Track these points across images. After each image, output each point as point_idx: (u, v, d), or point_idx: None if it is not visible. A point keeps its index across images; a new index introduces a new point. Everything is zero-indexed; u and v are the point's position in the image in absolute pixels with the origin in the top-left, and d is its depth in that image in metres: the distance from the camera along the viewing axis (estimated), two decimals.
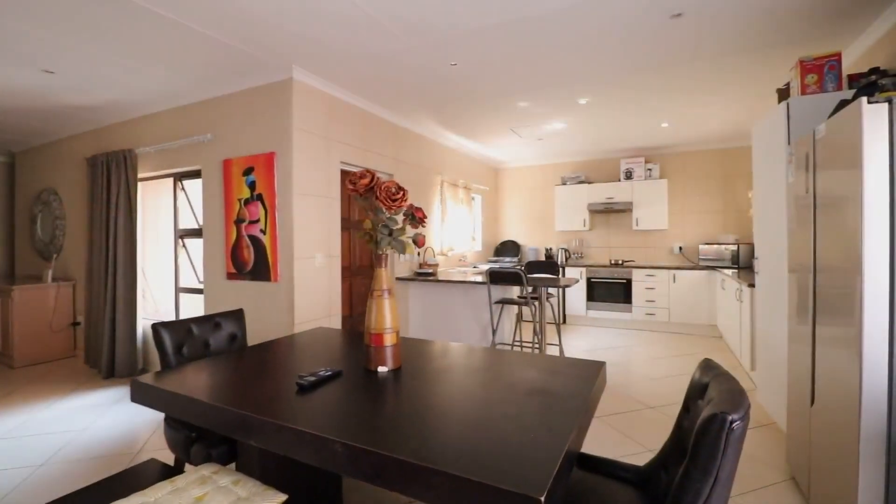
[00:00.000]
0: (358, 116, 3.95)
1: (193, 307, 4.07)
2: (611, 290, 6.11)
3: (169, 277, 4.28)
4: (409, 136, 4.81)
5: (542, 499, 0.85)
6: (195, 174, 3.85)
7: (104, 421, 3.13)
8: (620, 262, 6.35)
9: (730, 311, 4.58)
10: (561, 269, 6.31)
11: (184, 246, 4.18)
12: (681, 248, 6.28)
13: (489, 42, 2.87)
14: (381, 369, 1.62)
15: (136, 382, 1.59)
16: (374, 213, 1.58)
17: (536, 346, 4.06)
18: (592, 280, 6.22)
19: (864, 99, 1.52)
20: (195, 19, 2.52)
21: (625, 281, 6.01)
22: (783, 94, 2.86)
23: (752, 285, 3.61)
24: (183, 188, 4.11)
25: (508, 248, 7.32)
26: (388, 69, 3.28)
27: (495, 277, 3.88)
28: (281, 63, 3.11)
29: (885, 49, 2.67)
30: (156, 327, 2.03)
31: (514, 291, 4.46)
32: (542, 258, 7.12)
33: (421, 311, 4.70)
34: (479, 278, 4.35)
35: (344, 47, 2.90)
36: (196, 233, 3.97)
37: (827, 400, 1.84)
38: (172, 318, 4.25)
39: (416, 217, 1.67)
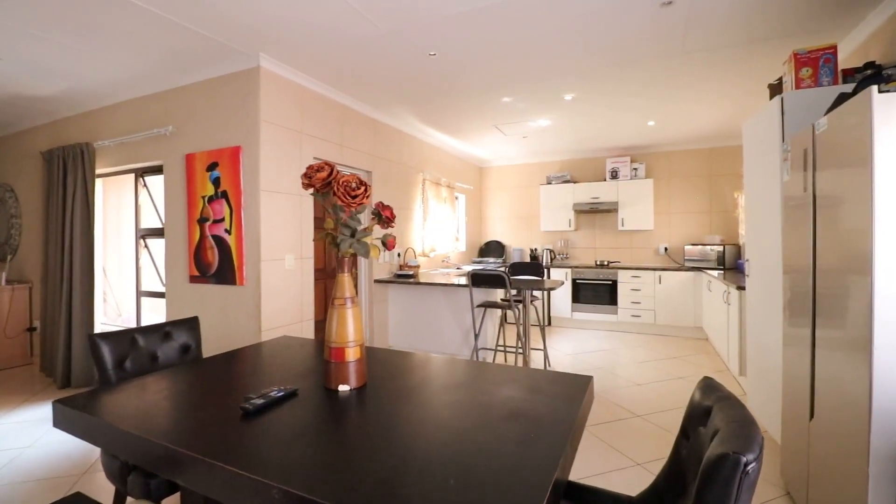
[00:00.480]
0: (333, 109, 3.74)
1: (156, 312, 3.82)
2: (596, 292, 6.00)
3: (130, 280, 4.02)
4: (388, 131, 4.61)
5: None
6: (157, 170, 3.60)
7: (52, 437, 2.87)
8: (606, 262, 6.25)
9: (716, 314, 4.49)
10: (546, 271, 6.18)
11: (146, 247, 3.92)
12: (666, 249, 6.20)
13: (469, 29, 2.70)
14: (342, 388, 1.43)
15: (57, 405, 1.38)
16: (334, 212, 1.40)
17: (520, 350, 3.90)
18: (577, 281, 6.10)
19: (875, 88, 1.38)
20: (152, 0, 2.30)
21: (610, 282, 5.91)
22: (775, 89, 2.74)
23: (740, 288, 3.51)
24: (145, 185, 3.86)
25: (493, 248, 7.17)
26: (363, 58, 3.08)
27: (477, 279, 3.71)
28: (247, 50, 2.90)
29: (880, 43, 2.58)
30: (93, 338, 1.81)
31: (498, 294, 4.31)
32: (527, 259, 6.99)
33: (401, 315, 4.51)
34: (462, 280, 4.18)
35: (313, 32, 2.70)
36: (160, 233, 3.72)
37: (829, 412, 1.71)
38: (134, 323, 3.99)
39: (383, 216, 1.48)
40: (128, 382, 1.59)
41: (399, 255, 4.78)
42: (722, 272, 4.86)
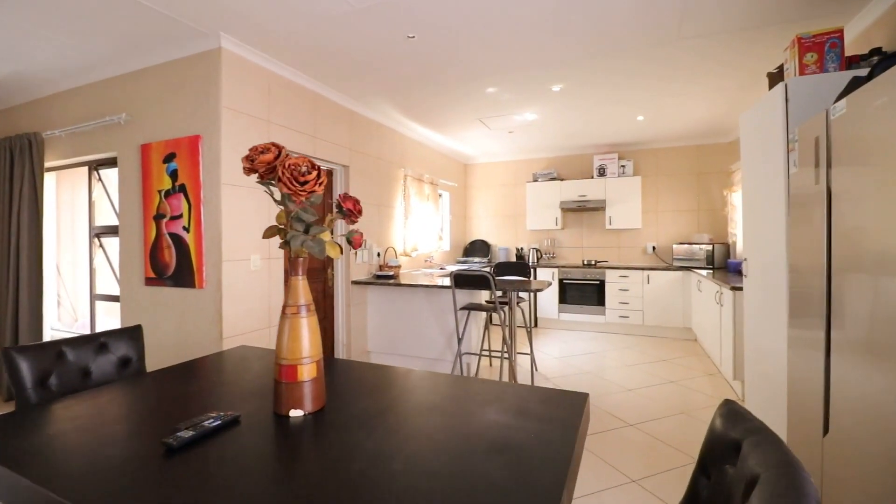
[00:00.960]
0: (305, 98, 3.48)
1: (113, 317, 3.52)
2: (583, 292, 5.84)
3: (86, 283, 3.71)
4: (367, 124, 4.37)
5: None
6: (112, 162, 3.31)
7: None
8: (593, 262, 6.09)
9: (707, 315, 4.36)
10: (532, 271, 6.00)
11: (101, 246, 3.61)
12: (654, 248, 6.07)
13: (449, 8, 2.48)
14: (294, 414, 1.20)
15: None
16: (284, 203, 1.16)
17: (506, 355, 3.70)
18: (565, 281, 5.93)
19: None
20: None
21: (598, 282, 5.75)
22: (774, 78, 2.59)
23: (735, 288, 3.36)
24: (100, 178, 3.55)
25: (478, 247, 6.97)
26: (337, 40, 2.84)
27: (461, 281, 3.50)
28: (206, 29, 2.63)
29: (883, 30, 2.43)
30: (8, 353, 1.55)
31: (483, 295, 4.10)
32: (513, 258, 6.81)
33: (380, 318, 4.27)
34: (446, 281, 3.97)
35: (279, 9, 2.44)
36: (116, 231, 3.42)
37: (849, 428, 1.53)
38: (87, 330, 3.68)
39: (345, 209, 1.26)
40: (42, 407, 1.33)
41: (379, 254, 4.54)
42: (711, 272, 4.74)
